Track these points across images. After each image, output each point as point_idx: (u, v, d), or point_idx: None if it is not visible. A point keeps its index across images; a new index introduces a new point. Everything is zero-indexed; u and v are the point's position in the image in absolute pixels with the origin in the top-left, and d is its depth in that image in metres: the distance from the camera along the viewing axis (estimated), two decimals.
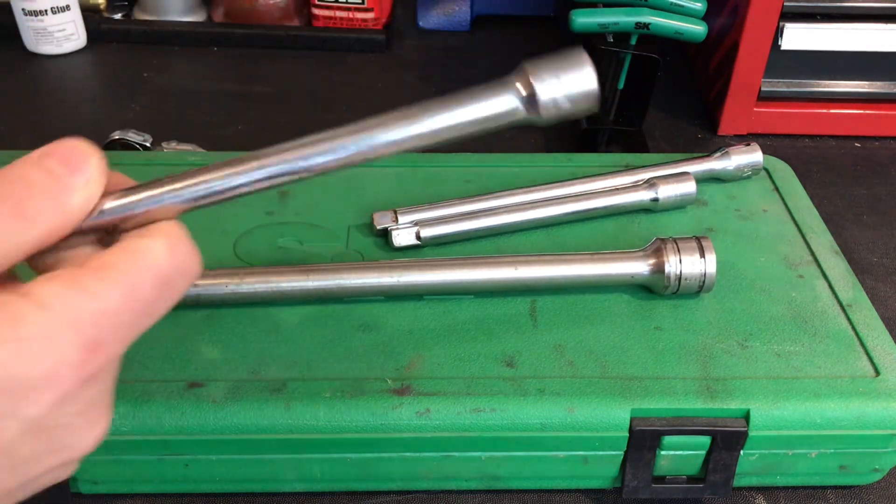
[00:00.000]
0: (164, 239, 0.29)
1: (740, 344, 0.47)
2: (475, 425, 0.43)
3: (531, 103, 0.31)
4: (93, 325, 0.26)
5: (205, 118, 0.81)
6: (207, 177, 0.31)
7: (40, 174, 0.27)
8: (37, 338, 0.25)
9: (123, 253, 0.28)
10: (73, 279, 0.26)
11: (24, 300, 0.25)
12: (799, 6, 0.74)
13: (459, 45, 0.96)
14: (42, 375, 0.25)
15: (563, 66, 0.31)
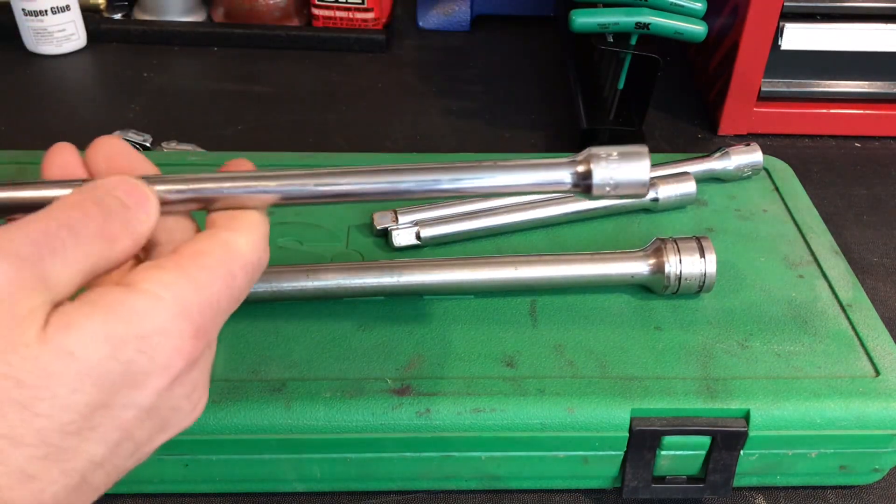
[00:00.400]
0: (249, 234, 0.31)
1: (740, 344, 0.47)
2: (475, 425, 0.43)
3: (582, 183, 0.34)
4: (199, 314, 0.28)
5: (205, 118, 0.81)
6: (306, 180, 0.34)
7: (115, 203, 0.29)
8: (154, 332, 0.27)
9: (216, 243, 0.30)
10: (179, 268, 0.29)
11: (137, 295, 0.27)
12: (799, 6, 0.74)
13: (459, 45, 0.96)
14: (159, 366, 0.27)
15: (621, 156, 0.34)
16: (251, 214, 0.33)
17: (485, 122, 0.82)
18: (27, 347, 0.25)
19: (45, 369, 0.25)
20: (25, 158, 0.59)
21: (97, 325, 0.26)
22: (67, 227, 0.27)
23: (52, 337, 0.26)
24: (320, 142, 0.78)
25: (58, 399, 0.25)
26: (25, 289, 0.26)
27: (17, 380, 0.25)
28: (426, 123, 0.81)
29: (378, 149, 0.77)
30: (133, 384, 0.27)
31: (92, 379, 0.26)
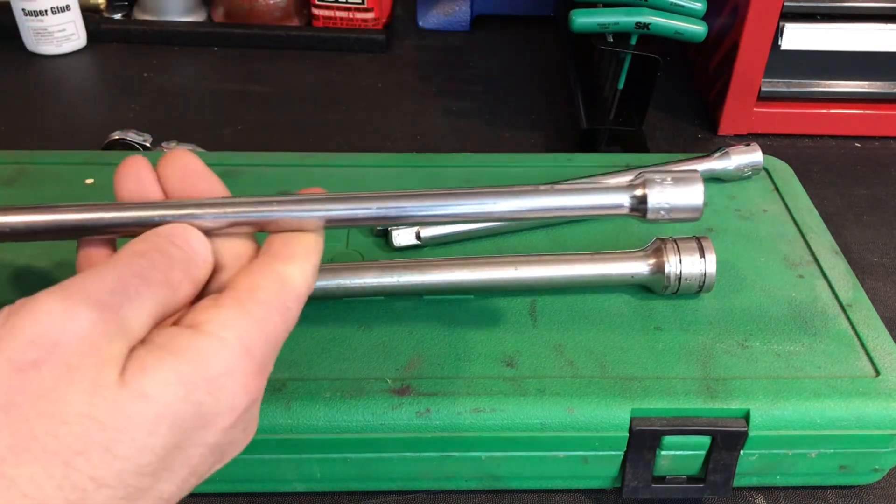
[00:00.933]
0: (301, 264, 0.32)
1: (740, 344, 0.47)
2: (475, 425, 0.43)
3: (639, 206, 0.35)
4: (260, 351, 0.30)
5: (205, 118, 0.81)
6: (366, 203, 0.35)
7: (177, 252, 0.31)
8: (222, 374, 0.28)
9: (270, 276, 0.31)
10: (239, 305, 0.30)
11: (204, 337, 0.28)
12: (799, 6, 0.74)
13: (459, 45, 0.96)
14: (226, 406, 0.28)
15: (676, 181, 0.35)
16: (306, 241, 0.33)
17: (485, 122, 0.82)
18: (108, 390, 0.26)
19: (125, 412, 0.26)
20: (25, 158, 0.59)
21: (170, 370, 0.27)
22: (139, 276, 0.29)
23: (130, 381, 0.27)
24: (320, 142, 0.78)
25: (136, 441, 0.26)
26: (108, 335, 0.27)
27: (100, 422, 0.26)
28: (426, 123, 0.81)
29: (378, 149, 0.77)
30: (203, 425, 0.28)
31: (167, 421, 0.27)
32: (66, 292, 0.27)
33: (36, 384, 0.25)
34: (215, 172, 0.35)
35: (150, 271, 0.29)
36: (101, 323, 0.27)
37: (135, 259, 0.30)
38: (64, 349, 0.26)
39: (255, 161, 0.60)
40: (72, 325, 0.26)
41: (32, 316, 0.26)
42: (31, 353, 0.26)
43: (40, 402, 0.25)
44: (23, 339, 0.26)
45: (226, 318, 0.29)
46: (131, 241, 0.31)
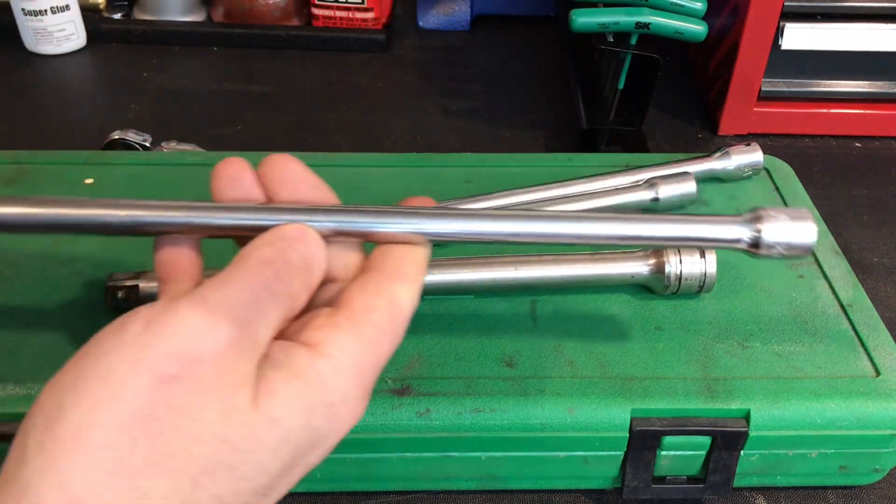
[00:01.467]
0: (412, 286, 0.32)
1: (741, 344, 0.47)
2: (475, 425, 0.43)
3: (755, 241, 0.35)
4: (370, 375, 0.30)
5: (205, 118, 0.81)
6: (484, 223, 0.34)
7: (298, 260, 0.30)
8: (339, 402, 0.28)
9: (383, 298, 0.31)
10: (354, 327, 0.29)
11: (324, 360, 0.28)
12: (799, 6, 0.74)
13: (459, 44, 0.96)
14: (335, 431, 0.29)
15: (791, 218, 0.35)
16: (419, 260, 0.33)
17: (485, 122, 0.82)
18: (242, 413, 0.26)
19: (255, 435, 0.26)
20: (25, 158, 0.59)
21: (295, 394, 0.27)
22: (268, 290, 0.29)
23: (261, 404, 0.27)
24: (320, 142, 0.78)
25: (260, 464, 0.26)
26: (244, 353, 0.27)
27: (231, 444, 0.26)
28: (426, 123, 0.81)
29: (378, 149, 0.77)
30: (313, 448, 0.28)
31: (289, 446, 0.27)
32: (207, 305, 0.27)
33: (175, 398, 0.25)
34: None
35: (277, 283, 0.29)
36: (238, 341, 0.27)
37: (262, 269, 0.29)
38: (203, 366, 0.26)
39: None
40: (211, 341, 0.26)
41: (174, 328, 0.26)
42: (173, 366, 0.26)
43: (178, 417, 0.25)
44: (164, 351, 0.26)
45: (343, 340, 0.29)
46: (254, 244, 0.30)
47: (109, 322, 0.27)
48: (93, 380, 0.25)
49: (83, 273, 0.49)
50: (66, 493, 0.24)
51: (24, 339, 0.45)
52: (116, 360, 0.26)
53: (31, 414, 0.26)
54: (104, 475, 0.24)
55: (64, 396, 0.25)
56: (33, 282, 0.49)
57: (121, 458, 0.24)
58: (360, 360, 0.29)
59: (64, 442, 0.24)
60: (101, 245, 0.52)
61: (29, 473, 0.24)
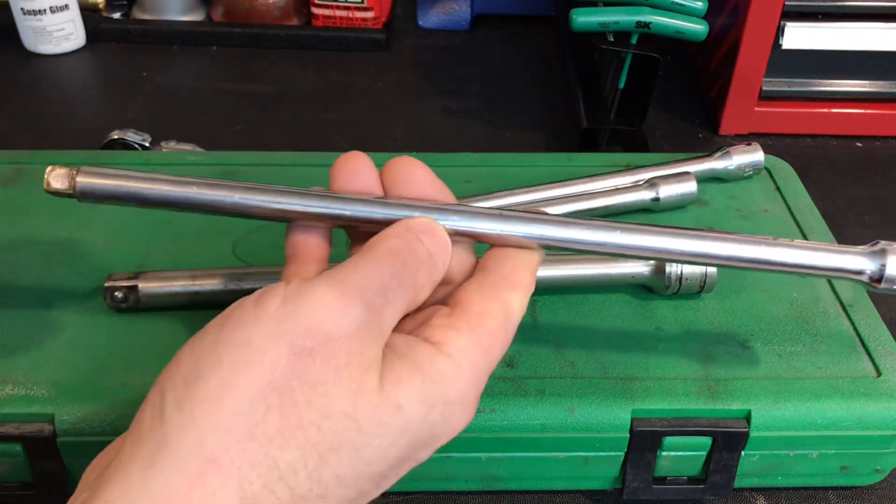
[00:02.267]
0: (525, 294, 0.32)
1: (741, 344, 0.47)
2: (475, 426, 0.42)
3: (878, 274, 0.36)
4: (483, 380, 0.30)
5: (204, 118, 0.81)
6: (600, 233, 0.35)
7: (424, 252, 0.31)
8: (456, 401, 0.29)
9: (499, 304, 0.31)
10: (472, 331, 0.30)
11: (445, 360, 0.29)
12: (800, 5, 0.74)
13: (459, 44, 0.96)
14: (448, 431, 0.29)
15: None
16: (532, 268, 0.33)
17: (485, 122, 0.82)
18: (370, 395, 0.27)
19: (380, 418, 0.27)
20: (24, 158, 0.59)
21: (418, 386, 0.28)
22: (396, 278, 0.29)
23: (387, 389, 0.27)
24: (320, 141, 0.78)
25: (381, 449, 0.27)
26: (372, 336, 0.28)
27: (358, 424, 0.26)
28: (426, 123, 0.81)
29: (378, 148, 0.76)
30: (427, 444, 0.29)
31: (408, 436, 0.28)
32: (343, 286, 0.28)
33: (310, 372, 0.26)
34: (215, 172, 0.35)
35: (404, 274, 0.30)
36: (368, 325, 0.27)
37: (392, 258, 0.30)
38: (336, 345, 0.27)
39: (254, 161, 0.60)
40: (345, 320, 0.27)
41: (311, 304, 0.27)
42: (309, 340, 0.26)
43: (311, 391, 0.26)
44: (302, 325, 0.26)
45: (463, 344, 0.29)
46: (384, 234, 0.31)
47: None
48: (233, 347, 0.26)
49: (83, 273, 0.49)
50: (203, 451, 0.25)
51: (23, 340, 0.45)
52: (255, 330, 0.26)
53: (168, 372, 0.27)
54: (239, 438, 0.25)
55: (203, 360, 0.26)
56: (33, 282, 0.49)
57: (256, 424, 0.25)
58: (476, 364, 0.30)
59: (203, 402, 0.25)
60: (100, 245, 0.51)
61: (167, 429, 0.25)
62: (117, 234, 0.52)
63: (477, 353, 0.30)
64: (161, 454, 0.25)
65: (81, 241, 0.52)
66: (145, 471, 0.25)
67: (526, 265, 0.33)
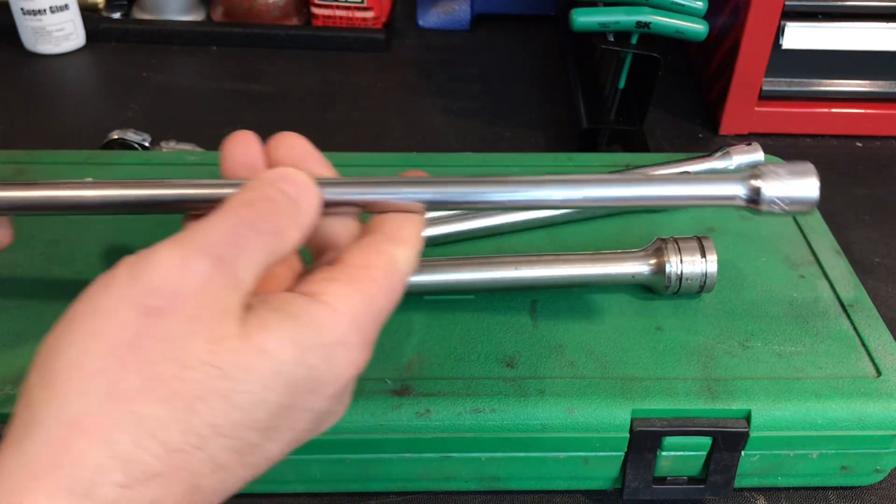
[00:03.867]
0: (411, 248, 0.33)
1: (741, 344, 0.47)
2: (475, 426, 0.43)
3: (753, 197, 0.36)
4: (368, 326, 0.30)
5: (204, 118, 0.81)
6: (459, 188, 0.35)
7: (282, 198, 0.31)
8: (335, 343, 0.29)
9: (382, 256, 0.32)
10: (352, 280, 0.30)
11: (320, 305, 0.29)
12: (800, 5, 0.74)
13: (459, 44, 0.96)
14: (334, 375, 0.29)
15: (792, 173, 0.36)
16: (416, 225, 0.34)
17: (485, 121, 0.82)
18: (230, 341, 0.27)
19: (245, 363, 0.27)
20: (24, 158, 0.59)
21: (288, 330, 0.28)
22: (249, 226, 0.29)
23: (251, 334, 0.27)
24: (320, 141, 0.77)
25: (253, 394, 0.27)
26: (225, 287, 0.28)
27: (221, 370, 0.26)
28: (426, 123, 0.81)
29: (378, 148, 0.76)
30: (312, 390, 0.29)
31: (283, 379, 0.28)
32: (182, 244, 0.28)
33: (161, 329, 0.26)
34: (215, 172, 0.35)
35: (259, 221, 0.29)
36: (217, 275, 0.27)
37: (244, 209, 0.30)
38: (184, 300, 0.27)
39: None
40: (190, 276, 0.27)
41: (152, 266, 0.27)
42: (155, 299, 0.27)
43: (165, 346, 0.26)
44: (146, 286, 0.27)
45: (340, 291, 0.30)
46: (240, 189, 0.31)
47: None
48: (86, 317, 0.27)
49: (83, 273, 0.49)
50: (65, 417, 0.25)
51: (23, 341, 0.45)
52: (103, 298, 0.27)
53: (36, 355, 0.27)
54: (99, 399, 0.25)
55: (61, 336, 0.27)
56: (33, 283, 0.49)
57: (113, 383, 0.26)
58: (356, 310, 0.30)
59: (61, 373, 0.26)
60: (100, 245, 0.51)
61: (34, 404, 0.26)
62: (117, 234, 0.52)
63: (356, 299, 0.30)
64: (29, 428, 0.25)
65: (81, 241, 0.52)
66: (16, 447, 0.25)
67: (409, 223, 0.34)
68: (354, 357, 0.30)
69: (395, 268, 0.32)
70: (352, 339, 0.30)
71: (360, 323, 0.30)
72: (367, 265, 0.31)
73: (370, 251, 0.32)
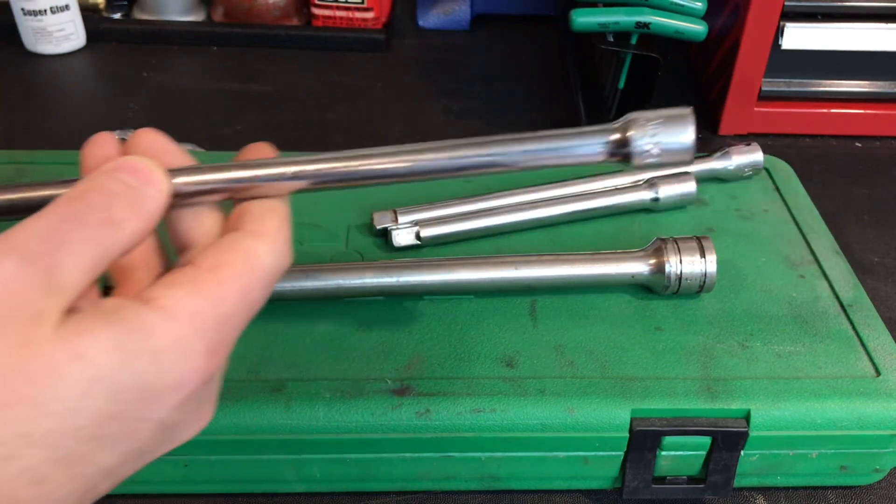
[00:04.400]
0: (273, 241, 0.31)
1: (741, 344, 0.47)
2: (475, 426, 0.43)
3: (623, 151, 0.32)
4: (214, 331, 0.28)
5: (204, 118, 0.81)
6: (331, 164, 0.34)
7: (119, 185, 0.28)
8: (168, 349, 0.27)
9: (236, 254, 0.30)
10: (195, 284, 0.28)
11: (153, 310, 0.27)
12: (799, 6, 0.74)
13: (459, 44, 0.96)
14: (172, 383, 0.27)
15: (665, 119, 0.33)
16: (278, 214, 0.32)
17: (485, 122, 0.82)
18: (39, 345, 0.25)
19: (57, 369, 0.25)
20: (24, 158, 0.59)
21: (110, 334, 0.26)
22: (72, 220, 0.27)
23: (65, 338, 0.25)
24: (320, 141, 0.78)
25: (69, 401, 0.25)
26: (37, 288, 0.25)
27: (28, 376, 0.25)
28: (426, 123, 0.81)
29: None
30: (146, 398, 0.27)
31: (103, 385, 0.26)
32: None
33: None
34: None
35: (86, 213, 0.27)
36: (27, 275, 0.25)
37: (68, 203, 0.27)
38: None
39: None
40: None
41: None
42: None
43: None
44: None
45: (180, 294, 0.28)
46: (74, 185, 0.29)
47: None
48: None
49: None
50: None
51: None
52: None
53: None
54: None
55: None
56: None
57: None
58: (197, 314, 0.28)
59: None
60: None
61: None
62: None
63: (197, 303, 0.28)
64: None
65: None
66: None
67: (270, 213, 0.32)
68: (196, 364, 0.28)
69: (252, 266, 0.29)
70: (190, 345, 0.27)
71: (202, 328, 0.28)
72: (217, 265, 0.29)
73: (222, 250, 0.30)
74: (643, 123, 0.33)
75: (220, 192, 0.32)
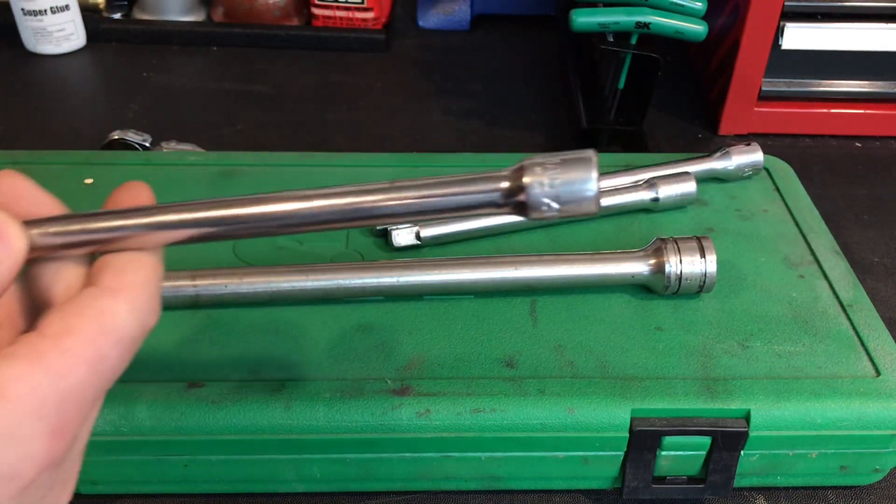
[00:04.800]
0: (134, 298, 0.27)
1: (741, 344, 0.47)
2: (475, 426, 0.43)
3: (516, 202, 0.28)
4: (58, 409, 0.25)
5: (204, 118, 0.81)
6: (212, 212, 0.29)
7: None
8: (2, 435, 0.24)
9: (86, 317, 0.26)
10: (35, 356, 0.25)
11: None
12: (799, 6, 0.74)
13: (459, 44, 0.96)
14: (7, 472, 0.24)
15: (563, 163, 0.28)
16: (142, 268, 0.28)
17: (485, 122, 0.82)
18: None
19: None
20: (24, 158, 0.59)
21: None
22: None
23: None
24: (320, 142, 0.78)
25: None
26: None
27: None
28: (426, 123, 0.81)
29: (378, 149, 0.77)
30: None
31: None
32: None
33: None
34: (215, 172, 0.34)
35: None
36: None
37: None
38: None
39: (254, 161, 0.60)
40: None
41: None
42: None
43: None
44: None
45: (16, 371, 0.24)
46: None
47: None
48: None
49: None
50: None
51: None
52: None
53: None
54: None
55: None
56: None
57: None
58: (36, 392, 0.24)
59: None
60: None
61: None
62: None
63: (39, 380, 0.24)
64: None
65: None
66: None
67: (131, 265, 0.28)
68: (32, 451, 0.24)
69: (105, 329, 0.26)
70: (28, 429, 0.24)
71: (41, 408, 0.24)
72: (62, 332, 0.25)
73: (70, 313, 0.26)
74: (539, 169, 0.27)
75: (86, 245, 0.28)
